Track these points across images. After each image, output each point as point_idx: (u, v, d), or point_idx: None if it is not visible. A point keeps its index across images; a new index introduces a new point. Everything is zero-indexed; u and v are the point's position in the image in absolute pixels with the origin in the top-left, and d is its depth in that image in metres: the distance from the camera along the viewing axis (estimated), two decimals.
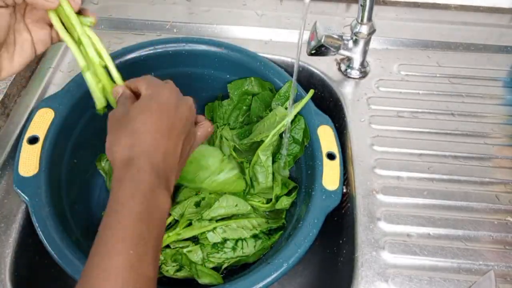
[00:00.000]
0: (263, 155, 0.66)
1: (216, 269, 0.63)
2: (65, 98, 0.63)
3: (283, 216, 0.67)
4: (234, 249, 0.63)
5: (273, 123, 0.65)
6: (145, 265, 0.38)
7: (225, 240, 0.63)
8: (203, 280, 0.61)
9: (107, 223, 0.39)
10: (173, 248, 0.64)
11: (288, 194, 0.67)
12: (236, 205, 0.65)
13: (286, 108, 0.65)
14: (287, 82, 0.68)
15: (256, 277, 0.51)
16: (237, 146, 0.71)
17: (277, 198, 0.67)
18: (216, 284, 0.60)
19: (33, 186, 0.55)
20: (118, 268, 0.36)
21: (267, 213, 0.68)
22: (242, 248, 0.63)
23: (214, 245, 0.63)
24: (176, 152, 0.46)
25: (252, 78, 0.71)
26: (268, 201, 0.68)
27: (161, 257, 0.64)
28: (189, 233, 0.64)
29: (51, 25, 0.51)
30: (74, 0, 0.49)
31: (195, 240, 0.65)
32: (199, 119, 0.53)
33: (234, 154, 0.71)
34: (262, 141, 0.65)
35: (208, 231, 0.63)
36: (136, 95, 0.50)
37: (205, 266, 0.62)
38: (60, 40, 0.52)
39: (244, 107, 0.74)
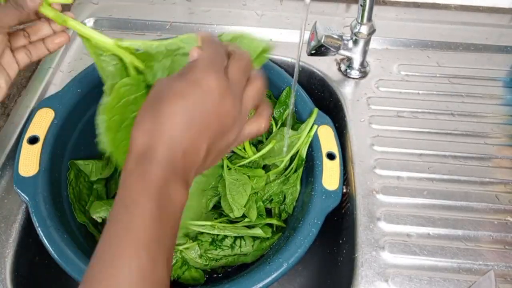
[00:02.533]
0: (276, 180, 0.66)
1: (213, 272, 0.64)
2: (65, 98, 0.63)
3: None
4: (232, 247, 0.63)
5: (282, 147, 0.65)
6: (159, 269, 0.34)
7: (224, 237, 0.63)
8: (185, 277, 0.61)
9: (116, 219, 0.34)
10: None
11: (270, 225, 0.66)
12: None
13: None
14: (286, 88, 0.68)
15: (256, 277, 0.51)
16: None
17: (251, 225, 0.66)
18: (198, 281, 0.61)
19: (33, 186, 0.55)
20: (129, 275, 0.32)
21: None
22: (240, 247, 0.63)
23: (212, 242, 0.63)
24: (199, 152, 0.39)
25: None
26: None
27: None
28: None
29: (12, 50, 0.50)
30: None
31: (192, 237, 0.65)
32: (260, 110, 0.44)
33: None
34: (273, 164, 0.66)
35: (209, 225, 0.63)
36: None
37: (201, 260, 0.63)
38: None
39: None
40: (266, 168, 0.68)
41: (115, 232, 0.34)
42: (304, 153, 0.64)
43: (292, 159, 0.65)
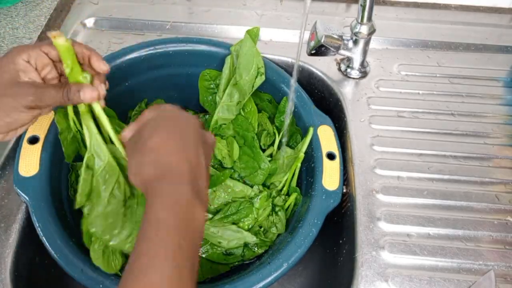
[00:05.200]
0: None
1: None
2: None
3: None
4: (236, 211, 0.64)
5: (282, 165, 0.66)
6: (184, 281, 0.36)
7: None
8: None
9: (144, 236, 0.38)
10: None
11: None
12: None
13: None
14: (285, 97, 0.68)
15: (256, 277, 0.51)
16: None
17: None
18: None
19: (33, 186, 0.55)
20: (155, 285, 0.35)
21: None
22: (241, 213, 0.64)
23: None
24: (199, 160, 0.44)
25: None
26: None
27: None
28: None
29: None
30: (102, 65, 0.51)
31: None
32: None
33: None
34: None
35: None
36: None
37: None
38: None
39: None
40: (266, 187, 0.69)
41: (142, 245, 0.37)
42: (294, 183, 0.66)
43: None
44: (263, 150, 0.69)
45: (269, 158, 0.68)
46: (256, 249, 0.63)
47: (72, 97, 0.48)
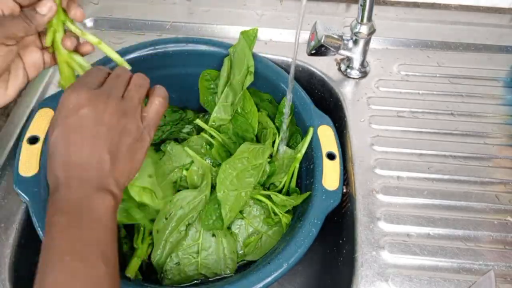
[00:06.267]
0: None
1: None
2: None
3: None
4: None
5: (281, 165, 0.66)
6: (91, 268, 0.37)
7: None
8: None
9: (42, 246, 0.39)
10: None
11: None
12: None
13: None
14: (284, 97, 0.68)
15: (256, 277, 0.51)
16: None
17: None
18: None
19: (33, 186, 0.55)
20: (57, 277, 0.36)
21: None
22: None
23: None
24: (103, 159, 0.42)
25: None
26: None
27: None
28: None
29: (42, 49, 0.51)
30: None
31: None
32: (151, 92, 0.49)
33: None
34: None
35: None
36: None
37: None
38: (52, 64, 0.52)
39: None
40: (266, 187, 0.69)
41: (44, 247, 0.39)
42: (293, 184, 0.66)
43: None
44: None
45: (269, 159, 0.68)
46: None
47: (31, 16, 0.46)
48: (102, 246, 0.39)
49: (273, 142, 0.70)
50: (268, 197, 0.63)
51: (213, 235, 0.61)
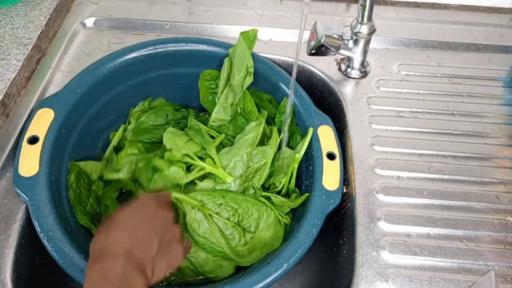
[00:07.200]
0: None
1: None
2: (65, 98, 0.63)
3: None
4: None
5: (281, 165, 0.66)
6: None
7: None
8: None
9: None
10: None
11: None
12: None
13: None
14: (285, 97, 0.68)
15: (256, 277, 0.51)
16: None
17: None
18: None
19: (33, 186, 0.55)
20: None
21: None
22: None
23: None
24: (151, 245, 0.47)
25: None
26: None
27: None
28: None
29: None
30: None
31: None
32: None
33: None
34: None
35: None
36: None
37: None
38: None
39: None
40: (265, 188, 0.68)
41: None
42: (292, 185, 0.66)
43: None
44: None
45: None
46: None
47: None
48: None
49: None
50: (268, 199, 0.63)
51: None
